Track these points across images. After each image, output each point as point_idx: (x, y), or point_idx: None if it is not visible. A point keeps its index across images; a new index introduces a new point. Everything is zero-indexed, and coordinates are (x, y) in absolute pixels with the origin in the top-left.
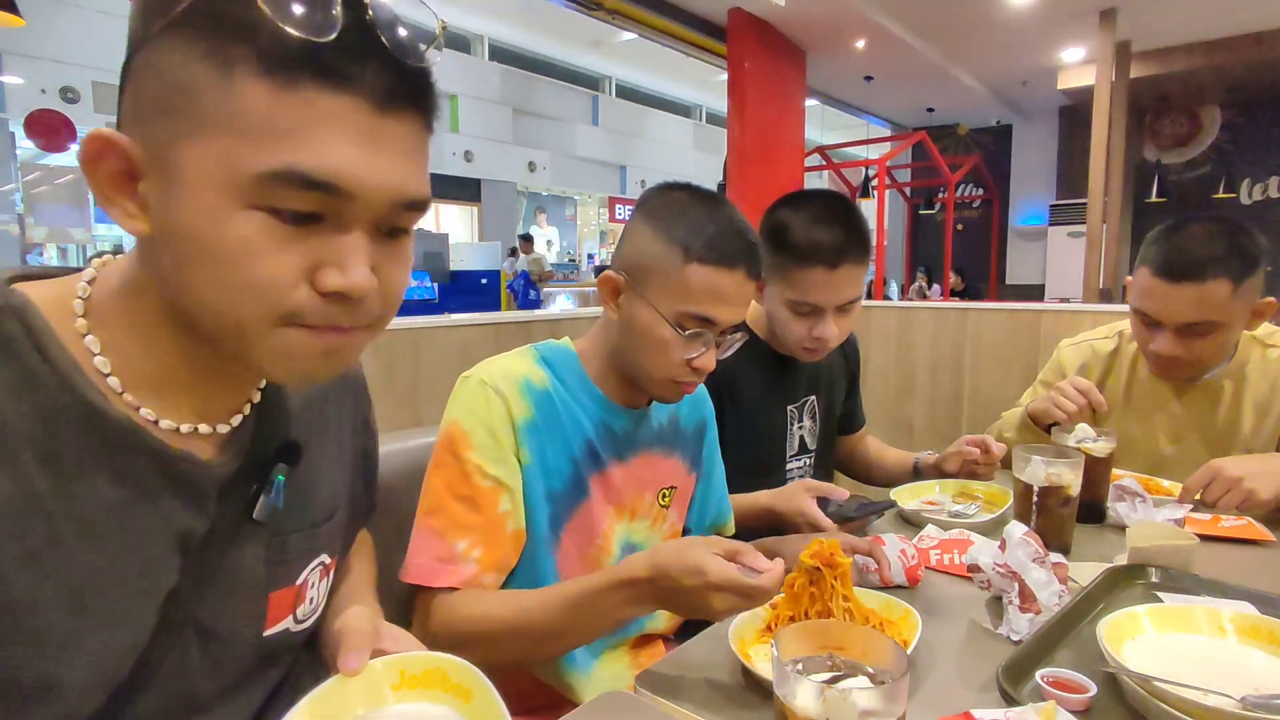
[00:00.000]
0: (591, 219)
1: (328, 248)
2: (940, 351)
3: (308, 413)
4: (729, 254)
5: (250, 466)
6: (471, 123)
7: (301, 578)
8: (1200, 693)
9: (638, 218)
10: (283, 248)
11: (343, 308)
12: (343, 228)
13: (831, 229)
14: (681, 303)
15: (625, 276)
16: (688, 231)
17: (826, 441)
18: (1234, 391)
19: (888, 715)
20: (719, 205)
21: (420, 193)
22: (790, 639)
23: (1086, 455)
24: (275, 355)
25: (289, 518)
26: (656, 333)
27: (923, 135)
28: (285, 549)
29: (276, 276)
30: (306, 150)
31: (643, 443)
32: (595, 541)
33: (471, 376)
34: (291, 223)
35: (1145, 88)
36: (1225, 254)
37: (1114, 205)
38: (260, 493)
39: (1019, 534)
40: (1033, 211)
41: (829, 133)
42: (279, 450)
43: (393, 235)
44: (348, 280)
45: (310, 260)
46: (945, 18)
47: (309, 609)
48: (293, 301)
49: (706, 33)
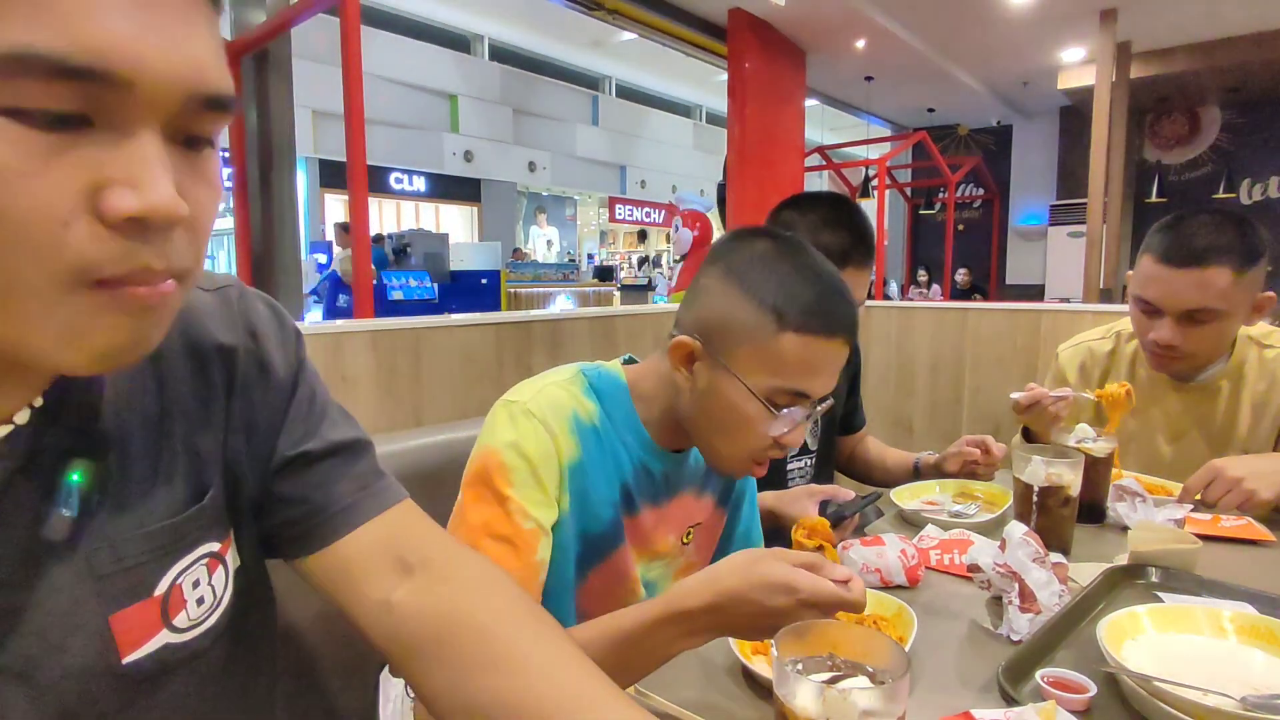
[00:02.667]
0: (591, 219)
1: (107, 160)
2: (940, 351)
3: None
4: (831, 322)
5: (34, 474)
6: (471, 123)
7: (165, 584)
8: (1200, 693)
9: (714, 274)
10: (43, 165)
11: (146, 244)
12: (124, 132)
13: (837, 232)
14: (774, 377)
15: (702, 342)
16: (781, 295)
17: (827, 442)
18: (1231, 391)
19: (888, 715)
20: (811, 260)
21: (220, 86)
22: (790, 639)
23: (1086, 455)
24: (65, 335)
25: (122, 517)
26: (742, 410)
27: (923, 135)
28: (122, 556)
29: (41, 203)
30: (54, 24)
31: (678, 486)
32: (625, 584)
33: (517, 403)
34: (48, 130)
35: (1145, 88)
36: (1229, 242)
37: (1114, 205)
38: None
39: (1019, 534)
40: (1033, 211)
41: (829, 133)
42: (74, 445)
43: (191, 146)
44: (146, 200)
45: (88, 179)
46: (945, 18)
47: (199, 610)
48: (74, 243)
49: (706, 33)
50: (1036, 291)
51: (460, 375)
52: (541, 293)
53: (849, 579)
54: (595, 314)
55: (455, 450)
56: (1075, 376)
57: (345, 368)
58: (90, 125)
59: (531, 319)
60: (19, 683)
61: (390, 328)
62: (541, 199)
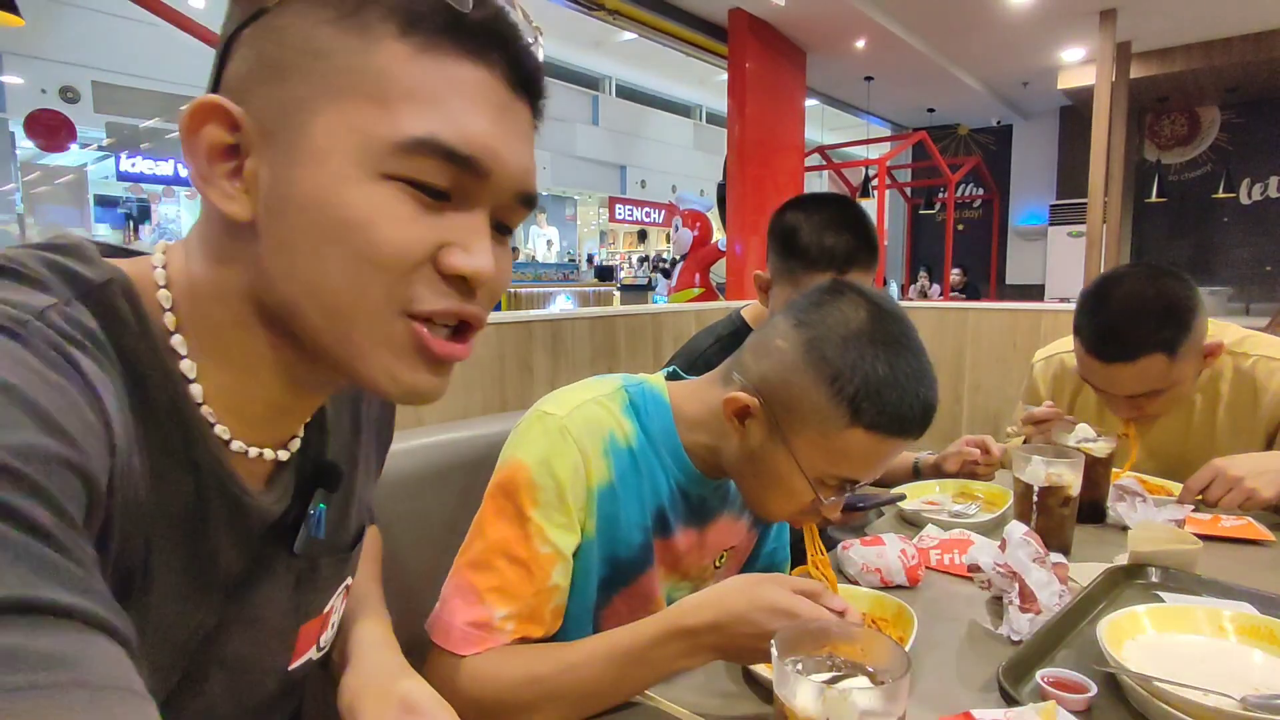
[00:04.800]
0: (591, 219)
1: (455, 227)
2: (940, 351)
3: (341, 428)
4: (907, 424)
5: (299, 494)
6: None
7: (329, 605)
8: (1200, 693)
9: (796, 339)
10: (414, 221)
11: (461, 294)
12: (470, 210)
13: (841, 235)
14: (830, 466)
15: (762, 404)
16: (863, 390)
17: None
18: (1206, 405)
19: (888, 715)
20: (904, 349)
21: (535, 186)
22: (790, 639)
23: (1086, 455)
24: (387, 355)
25: (323, 544)
26: (789, 484)
27: (923, 135)
28: (316, 578)
29: (405, 249)
30: (449, 120)
31: (717, 510)
32: (649, 606)
33: (554, 417)
34: (424, 198)
35: (1145, 88)
36: (1154, 327)
37: (1114, 205)
38: (300, 524)
39: (1019, 534)
40: (1033, 211)
41: (829, 133)
42: (318, 475)
43: (501, 231)
44: (474, 264)
45: (438, 238)
46: (945, 18)
47: (330, 635)
48: (416, 280)
49: (706, 33)
50: (1036, 291)
51: (460, 375)
52: (541, 293)
53: (845, 610)
54: (595, 314)
55: (456, 450)
56: (1047, 389)
57: None
58: (448, 199)
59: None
60: (230, 674)
61: None
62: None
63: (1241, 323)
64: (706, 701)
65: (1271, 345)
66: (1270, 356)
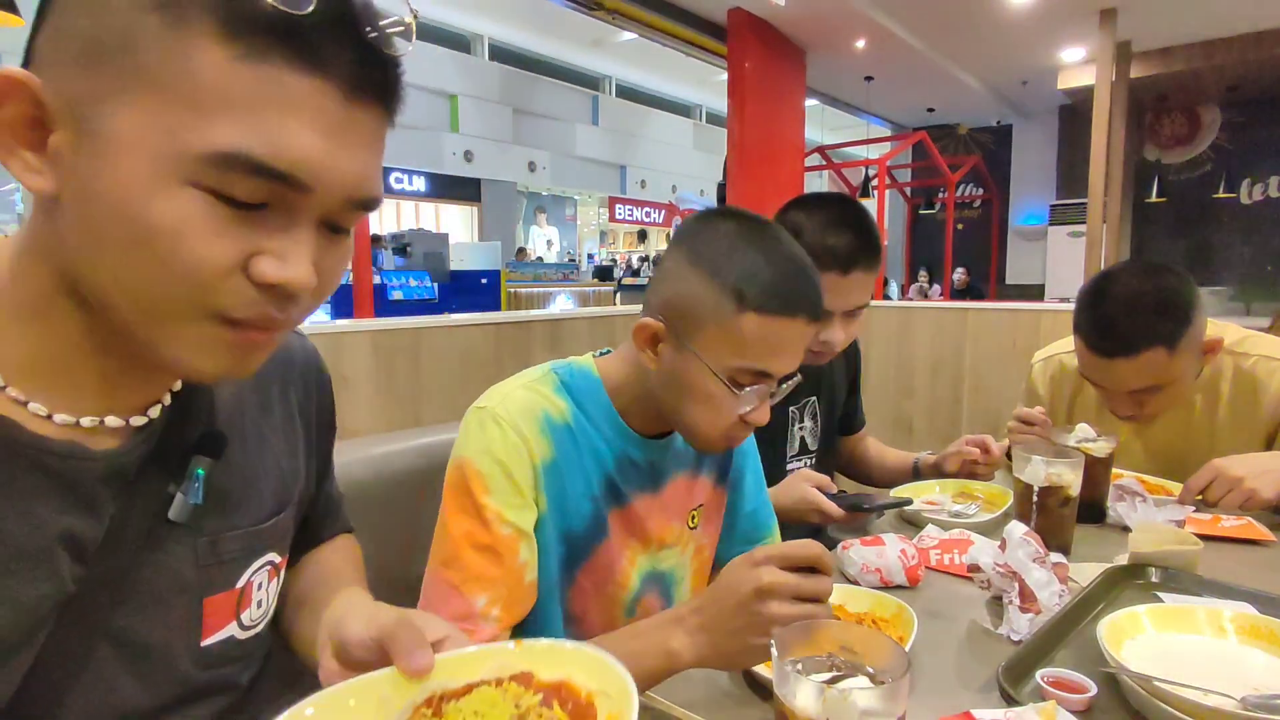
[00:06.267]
0: (591, 219)
1: (271, 238)
2: (940, 351)
3: (243, 401)
4: (791, 301)
5: (163, 462)
6: (471, 123)
7: (244, 580)
8: (1200, 693)
9: (678, 255)
10: (221, 232)
11: (275, 302)
12: (290, 219)
13: (844, 234)
14: (735, 357)
15: (665, 324)
16: (742, 275)
17: (827, 442)
18: (1206, 405)
19: (888, 715)
20: (775, 239)
21: (375, 191)
22: (790, 639)
23: (1086, 455)
24: (191, 349)
25: (223, 516)
26: (705, 389)
27: (923, 135)
28: (219, 550)
29: (210, 262)
30: (265, 133)
31: (670, 470)
32: (614, 578)
33: (486, 410)
34: (235, 208)
35: (1145, 88)
36: (1153, 320)
37: (1114, 205)
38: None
39: (1019, 534)
40: (1033, 211)
41: (829, 133)
42: (198, 442)
43: (336, 231)
44: (287, 274)
45: (249, 248)
46: (945, 18)
47: (258, 613)
48: (223, 291)
49: (706, 33)
50: (1036, 291)
51: (460, 375)
52: (541, 292)
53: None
54: (595, 314)
55: None
56: (1046, 390)
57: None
58: (265, 209)
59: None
60: (124, 649)
61: (390, 328)
62: (541, 199)
63: (1242, 323)
64: (706, 701)
65: (1272, 345)
66: (1270, 356)
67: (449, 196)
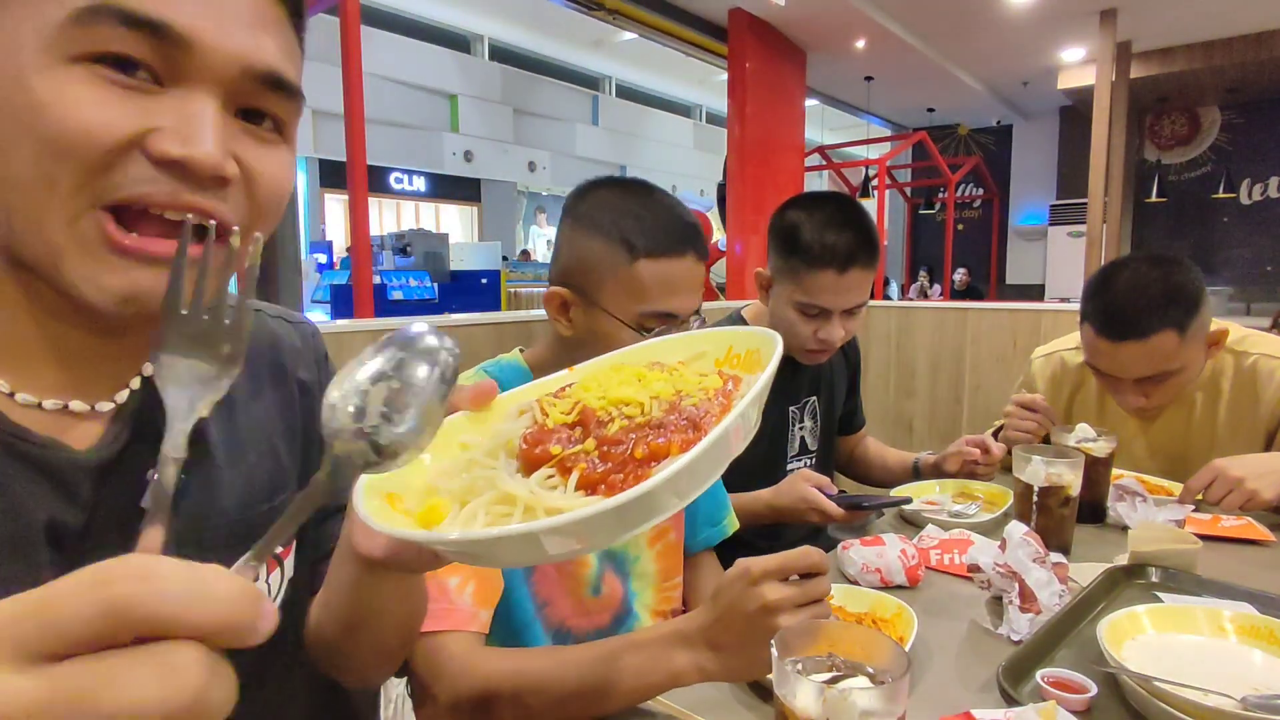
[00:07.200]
0: None
1: (167, 110)
2: (940, 351)
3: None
4: (676, 241)
5: (140, 447)
6: (471, 123)
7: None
8: (1200, 693)
9: (569, 224)
10: (108, 102)
11: (196, 189)
12: (186, 93)
13: (843, 233)
14: (638, 303)
15: (571, 289)
16: (627, 227)
17: (827, 442)
18: (1206, 402)
19: (888, 715)
20: (650, 193)
21: (277, 65)
22: (790, 639)
23: (1086, 455)
24: (84, 257)
25: (207, 502)
26: (620, 340)
27: (923, 135)
28: (201, 538)
29: (98, 129)
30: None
31: None
32: (572, 560)
33: None
34: (120, 73)
35: (1145, 88)
36: (1163, 304)
37: (1114, 205)
38: None
39: (1019, 534)
40: (1033, 211)
41: (829, 133)
42: None
43: (257, 120)
44: (188, 149)
45: (143, 123)
46: (945, 18)
47: None
48: (116, 168)
49: (706, 33)
50: (1036, 291)
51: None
52: (541, 292)
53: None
54: None
55: None
56: (1045, 386)
57: None
58: (161, 86)
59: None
60: None
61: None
62: (541, 199)
63: (1242, 323)
64: (706, 702)
65: (1272, 344)
66: (1270, 355)
67: (449, 197)
